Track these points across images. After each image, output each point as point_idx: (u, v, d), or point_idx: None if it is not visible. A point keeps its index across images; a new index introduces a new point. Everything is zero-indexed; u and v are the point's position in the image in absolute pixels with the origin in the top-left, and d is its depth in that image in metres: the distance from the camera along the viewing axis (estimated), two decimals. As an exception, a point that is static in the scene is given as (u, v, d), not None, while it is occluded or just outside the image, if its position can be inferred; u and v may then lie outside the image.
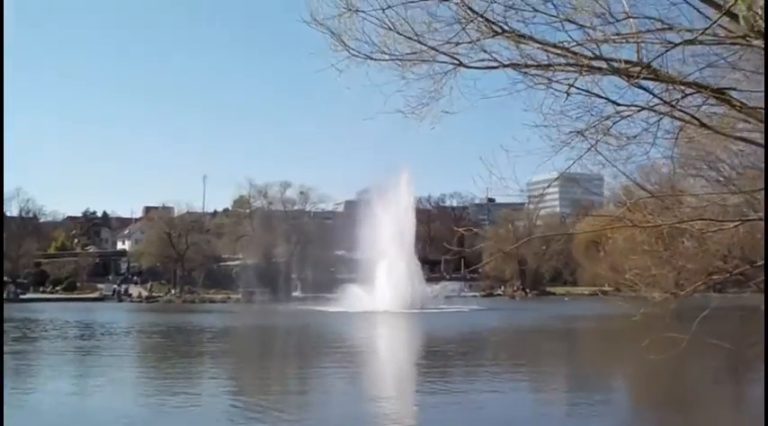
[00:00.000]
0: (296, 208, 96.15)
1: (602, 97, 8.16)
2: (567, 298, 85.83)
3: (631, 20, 8.34)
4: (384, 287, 59.85)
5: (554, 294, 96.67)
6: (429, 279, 71.51)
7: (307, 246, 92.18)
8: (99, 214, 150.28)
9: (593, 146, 8.66)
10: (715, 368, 22.60)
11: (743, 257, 42.25)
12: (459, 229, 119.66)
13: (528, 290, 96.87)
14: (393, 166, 69.29)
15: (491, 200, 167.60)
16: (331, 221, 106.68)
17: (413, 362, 26.75)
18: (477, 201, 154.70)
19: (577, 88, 8.11)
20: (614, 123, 8.51)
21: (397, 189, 65.58)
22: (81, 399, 17.06)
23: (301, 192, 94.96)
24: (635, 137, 9.65)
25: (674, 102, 8.21)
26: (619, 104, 8.23)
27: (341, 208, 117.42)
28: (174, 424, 14.09)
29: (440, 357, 27.69)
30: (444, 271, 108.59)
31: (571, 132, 8.52)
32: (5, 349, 29.52)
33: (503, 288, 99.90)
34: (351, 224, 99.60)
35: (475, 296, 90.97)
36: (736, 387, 20.27)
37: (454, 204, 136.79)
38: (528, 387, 20.23)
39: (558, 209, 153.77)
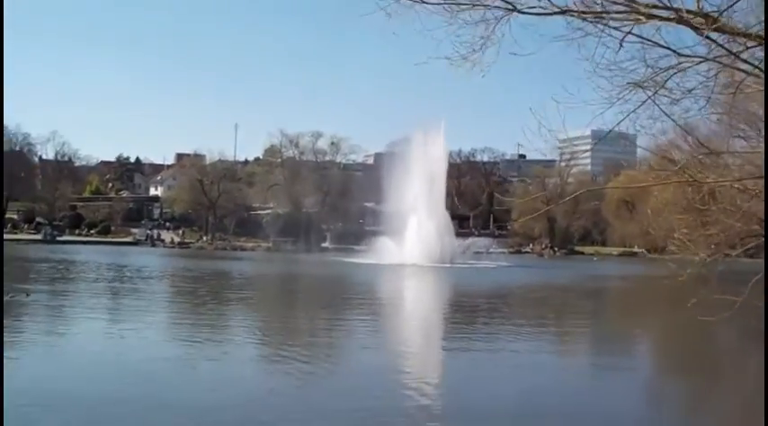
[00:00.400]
0: (327, 158, 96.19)
1: (664, 47, 7.84)
2: (595, 258, 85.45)
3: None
4: (413, 240, 59.86)
5: (582, 253, 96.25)
6: (458, 235, 71.19)
7: (337, 197, 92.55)
8: (132, 159, 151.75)
9: (650, 97, 8.39)
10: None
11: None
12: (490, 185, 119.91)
13: (556, 249, 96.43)
14: (426, 119, 68.46)
15: (522, 156, 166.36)
16: (361, 173, 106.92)
17: (442, 316, 26.75)
18: (507, 157, 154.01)
19: (636, 35, 7.85)
20: (672, 75, 8.25)
21: (430, 142, 65.02)
22: (110, 342, 17.28)
23: (332, 143, 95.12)
24: (691, 90, 9.38)
25: (738, 53, 7.90)
26: (681, 55, 7.92)
27: (371, 160, 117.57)
28: (200, 371, 14.23)
29: (471, 312, 27.74)
30: (473, 227, 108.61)
31: (629, 83, 8.23)
32: (45, 287, 30.31)
33: (531, 245, 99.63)
34: (381, 176, 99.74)
35: (503, 252, 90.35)
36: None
37: (485, 159, 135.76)
38: (568, 350, 20.01)
39: (589, 168, 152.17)
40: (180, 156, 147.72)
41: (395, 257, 57.36)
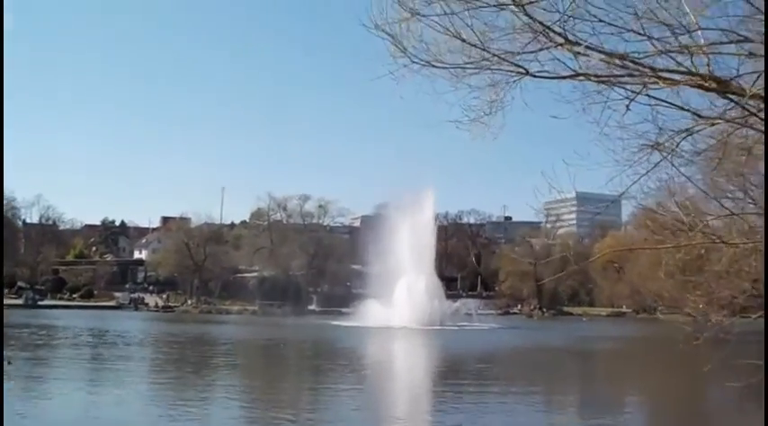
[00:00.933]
0: (314, 221, 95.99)
1: (682, 108, 7.73)
2: (584, 319, 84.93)
3: (700, 31, 8.01)
4: (403, 302, 59.35)
5: (571, 314, 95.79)
6: (446, 297, 70.76)
7: (323, 260, 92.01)
8: (117, 223, 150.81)
9: (665, 158, 8.24)
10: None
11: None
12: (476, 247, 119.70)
13: (545, 309, 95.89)
14: (414, 181, 68.62)
15: (508, 218, 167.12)
16: (348, 236, 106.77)
17: (445, 381, 26.03)
18: (493, 219, 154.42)
19: (650, 97, 7.76)
20: (686, 136, 8.14)
21: (418, 204, 65.10)
22: (90, 408, 16.68)
23: (320, 206, 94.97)
24: (701, 152, 9.28)
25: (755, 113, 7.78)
26: (701, 116, 7.80)
27: (357, 223, 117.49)
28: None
29: (474, 375, 27.11)
30: (460, 289, 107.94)
31: (645, 145, 8.09)
32: (27, 354, 29.39)
33: (519, 306, 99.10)
34: (368, 239, 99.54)
35: (491, 313, 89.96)
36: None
37: (471, 221, 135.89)
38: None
39: (575, 229, 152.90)
40: (166, 219, 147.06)
41: (383, 320, 56.70)
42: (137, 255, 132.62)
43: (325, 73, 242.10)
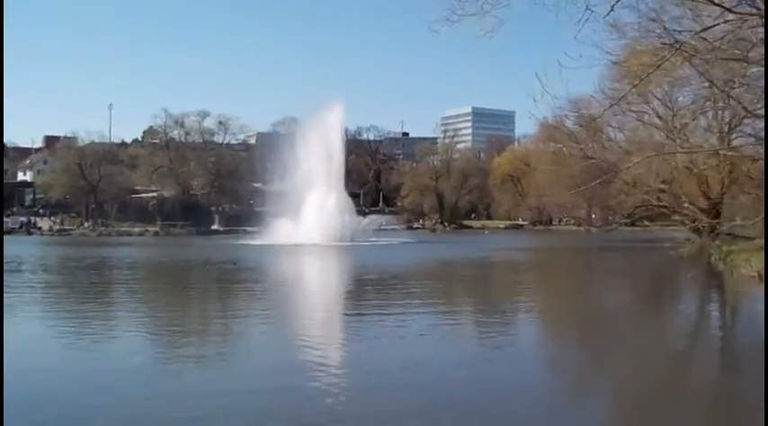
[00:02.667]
0: (214, 138, 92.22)
1: None
2: (486, 231, 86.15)
3: None
4: (314, 219, 57.73)
5: (471, 227, 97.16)
6: (351, 213, 69.74)
7: (224, 179, 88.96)
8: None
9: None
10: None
11: (669, 191, 41.72)
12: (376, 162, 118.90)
13: (446, 224, 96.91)
14: (314, 98, 66.46)
15: (405, 134, 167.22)
16: (244, 153, 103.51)
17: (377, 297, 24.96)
18: (391, 135, 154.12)
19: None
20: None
21: (327, 119, 62.88)
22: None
23: (220, 122, 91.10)
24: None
25: None
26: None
27: (253, 140, 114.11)
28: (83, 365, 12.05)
29: (402, 291, 26.15)
30: (363, 205, 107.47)
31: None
32: None
33: (421, 221, 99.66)
34: (266, 156, 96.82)
35: (396, 228, 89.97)
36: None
37: (370, 138, 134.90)
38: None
39: (470, 144, 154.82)
40: (49, 139, 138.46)
41: (293, 237, 55.13)
42: (21, 177, 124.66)
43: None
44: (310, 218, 58.18)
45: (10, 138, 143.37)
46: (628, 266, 38.60)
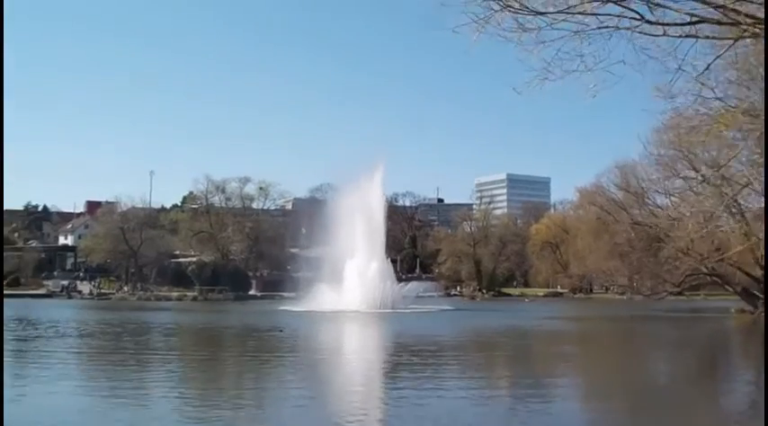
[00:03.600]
0: (254, 204, 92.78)
1: None
2: (527, 300, 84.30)
3: None
4: (355, 286, 57.00)
5: (509, 295, 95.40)
6: (395, 280, 68.77)
7: (262, 244, 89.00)
8: (40, 208, 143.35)
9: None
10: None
11: (719, 259, 40.26)
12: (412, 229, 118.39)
13: (484, 291, 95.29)
14: (353, 164, 66.23)
15: (440, 200, 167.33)
16: (281, 218, 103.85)
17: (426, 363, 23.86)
18: (426, 201, 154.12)
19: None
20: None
21: (368, 184, 62.67)
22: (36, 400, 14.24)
23: (261, 188, 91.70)
24: None
25: None
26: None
27: (289, 206, 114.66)
28: None
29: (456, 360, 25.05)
30: (400, 271, 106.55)
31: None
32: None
33: (459, 288, 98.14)
34: (305, 221, 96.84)
35: (432, 295, 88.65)
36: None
37: (406, 204, 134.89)
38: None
39: (506, 210, 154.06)
40: (91, 204, 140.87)
41: (333, 304, 54.40)
42: (62, 241, 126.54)
43: (255, 52, 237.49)
44: (351, 285, 57.54)
45: (54, 203, 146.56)
46: (689, 337, 36.87)
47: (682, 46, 11.21)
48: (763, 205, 44.85)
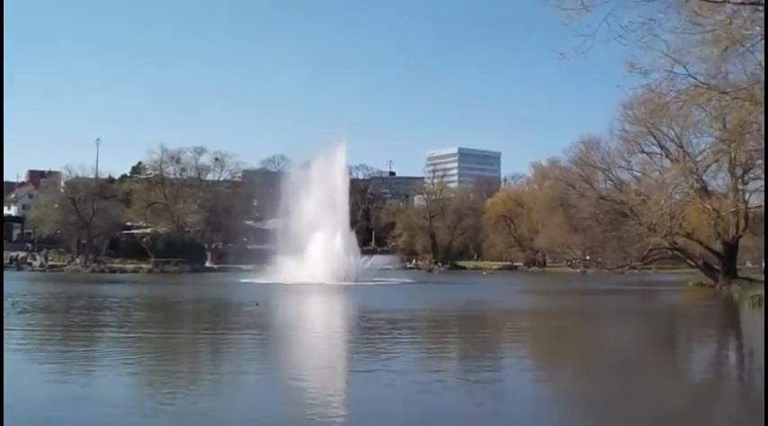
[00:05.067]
0: (209, 176, 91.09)
1: None
2: (485, 272, 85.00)
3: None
4: (319, 258, 56.42)
5: (464, 268, 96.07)
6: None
7: (219, 216, 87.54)
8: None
9: None
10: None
11: (679, 232, 41.05)
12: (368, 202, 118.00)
13: (440, 264, 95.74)
14: (312, 135, 65.38)
15: (392, 174, 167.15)
16: (230, 190, 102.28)
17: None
18: (378, 175, 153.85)
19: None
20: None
21: (329, 156, 61.94)
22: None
23: (216, 159, 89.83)
24: None
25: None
26: None
27: (239, 177, 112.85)
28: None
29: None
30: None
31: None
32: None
33: (414, 261, 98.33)
34: (259, 193, 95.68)
35: (388, 268, 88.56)
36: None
37: (359, 177, 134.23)
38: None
39: (456, 184, 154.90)
40: (33, 173, 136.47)
41: (296, 276, 53.82)
42: (6, 212, 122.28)
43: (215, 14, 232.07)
44: (315, 257, 56.87)
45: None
46: (654, 308, 37.56)
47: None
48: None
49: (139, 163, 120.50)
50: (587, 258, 71.40)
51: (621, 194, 48.80)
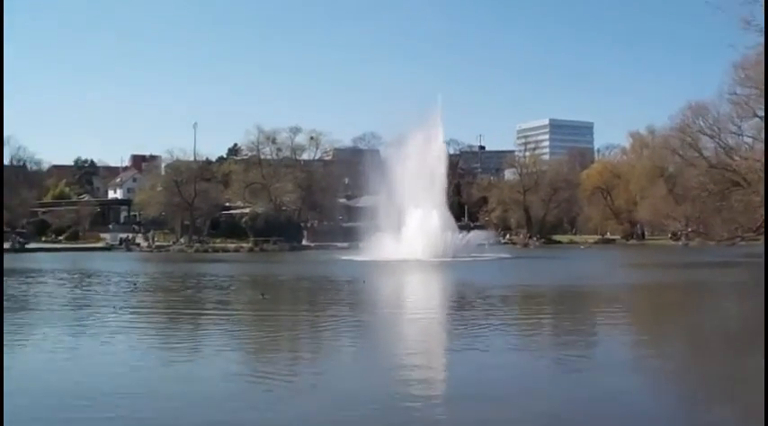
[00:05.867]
0: (304, 155, 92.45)
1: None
2: (582, 247, 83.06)
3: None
4: (416, 235, 56.38)
5: (559, 242, 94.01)
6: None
7: (315, 194, 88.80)
8: (88, 163, 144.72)
9: None
10: None
11: None
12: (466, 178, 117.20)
13: (536, 238, 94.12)
14: (408, 111, 64.20)
15: (482, 148, 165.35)
16: (322, 169, 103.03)
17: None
18: (468, 149, 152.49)
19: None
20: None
21: (425, 133, 61.53)
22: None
23: (312, 138, 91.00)
24: None
25: None
26: None
27: (329, 156, 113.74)
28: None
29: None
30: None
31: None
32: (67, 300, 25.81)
33: (508, 236, 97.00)
34: (348, 171, 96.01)
35: (483, 244, 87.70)
36: None
37: (450, 151, 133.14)
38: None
39: (548, 156, 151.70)
40: (136, 158, 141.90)
41: (394, 253, 53.99)
42: (111, 195, 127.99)
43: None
44: (413, 234, 56.87)
45: (100, 158, 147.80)
46: None
47: None
48: None
49: (235, 144, 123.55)
50: (690, 230, 68.60)
51: (734, 162, 46.49)
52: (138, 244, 79.24)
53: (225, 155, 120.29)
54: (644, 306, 26.52)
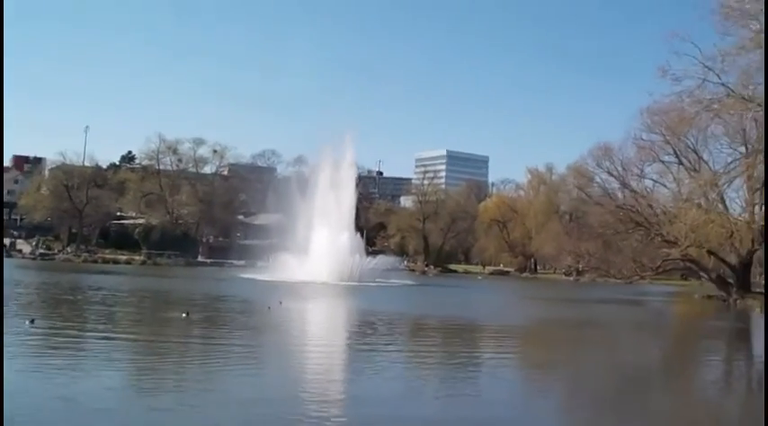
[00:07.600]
0: (206, 168, 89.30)
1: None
2: (479, 277, 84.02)
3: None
4: (324, 257, 54.87)
5: (455, 271, 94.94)
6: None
7: (214, 209, 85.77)
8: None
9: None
10: None
11: (695, 244, 39.90)
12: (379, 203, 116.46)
13: (432, 266, 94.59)
14: (299, 136, 63.79)
15: (380, 173, 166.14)
16: (224, 183, 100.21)
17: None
18: (365, 174, 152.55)
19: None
20: None
21: (336, 154, 60.78)
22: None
23: (215, 151, 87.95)
24: None
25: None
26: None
27: (225, 171, 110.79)
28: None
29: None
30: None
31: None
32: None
33: (405, 263, 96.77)
34: (247, 187, 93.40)
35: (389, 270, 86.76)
36: None
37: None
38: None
39: (444, 186, 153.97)
40: (17, 159, 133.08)
41: (298, 274, 52.45)
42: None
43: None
44: (319, 256, 55.40)
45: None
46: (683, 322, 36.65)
47: None
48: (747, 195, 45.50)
49: (129, 152, 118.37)
50: (584, 267, 70.49)
51: (636, 203, 48.04)
52: (20, 251, 73.65)
53: (117, 162, 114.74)
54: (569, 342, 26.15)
